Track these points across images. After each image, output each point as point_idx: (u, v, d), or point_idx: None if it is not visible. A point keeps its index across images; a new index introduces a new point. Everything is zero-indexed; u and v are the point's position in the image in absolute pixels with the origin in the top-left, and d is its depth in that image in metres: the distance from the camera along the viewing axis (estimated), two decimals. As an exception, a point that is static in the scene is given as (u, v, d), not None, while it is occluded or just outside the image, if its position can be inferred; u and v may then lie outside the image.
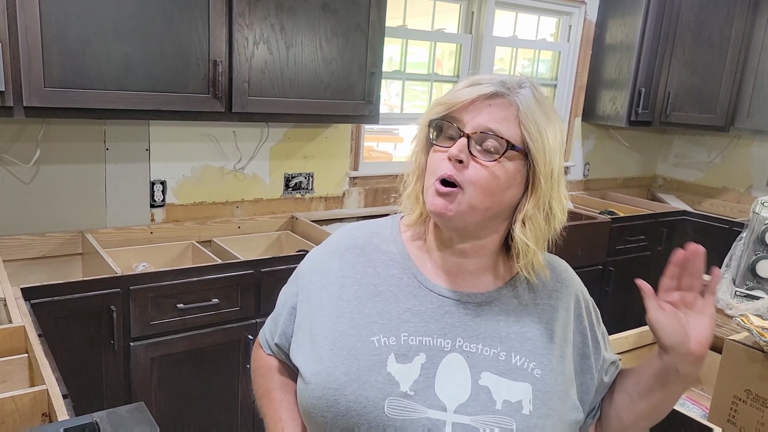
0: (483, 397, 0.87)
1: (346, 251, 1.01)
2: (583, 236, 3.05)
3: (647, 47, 3.46)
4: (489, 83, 0.89)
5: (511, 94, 0.89)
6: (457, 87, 0.92)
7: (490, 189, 0.87)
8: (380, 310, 0.93)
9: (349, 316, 0.93)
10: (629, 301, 3.48)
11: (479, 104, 0.88)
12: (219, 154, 2.62)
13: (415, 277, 0.96)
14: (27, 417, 1.17)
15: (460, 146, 0.87)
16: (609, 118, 3.67)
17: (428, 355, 0.89)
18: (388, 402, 0.85)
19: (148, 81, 2.03)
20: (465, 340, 0.91)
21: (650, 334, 1.86)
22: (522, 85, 0.90)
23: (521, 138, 0.88)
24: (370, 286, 0.96)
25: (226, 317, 2.13)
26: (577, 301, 1.01)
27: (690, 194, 4.15)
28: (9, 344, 1.42)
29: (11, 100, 1.81)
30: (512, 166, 0.88)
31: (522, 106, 0.88)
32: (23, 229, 2.23)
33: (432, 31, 3.19)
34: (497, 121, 0.88)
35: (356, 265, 0.99)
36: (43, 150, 2.21)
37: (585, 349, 0.98)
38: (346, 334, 0.91)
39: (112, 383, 1.97)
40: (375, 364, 0.88)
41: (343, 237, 1.05)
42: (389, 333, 0.91)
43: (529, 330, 0.94)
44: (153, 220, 2.51)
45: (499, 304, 0.95)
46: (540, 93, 0.91)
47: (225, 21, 2.13)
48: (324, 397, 0.88)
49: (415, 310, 0.93)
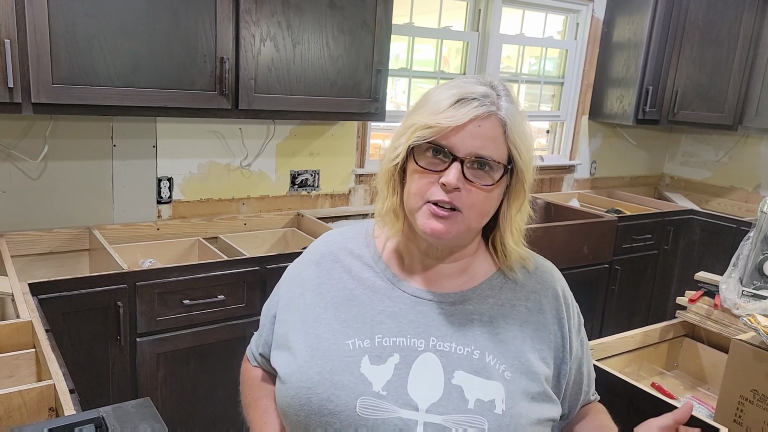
0: (455, 397, 0.87)
1: (321, 258, 1.03)
2: (590, 235, 3.04)
3: (655, 45, 3.44)
4: (476, 99, 0.87)
5: (497, 111, 0.87)
6: (441, 104, 0.87)
7: (488, 210, 0.90)
8: (355, 314, 0.94)
9: (326, 322, 0.95)
10: (635, 300, 3.48)
11: (471, 126, 0.86)
12: (225, 150, 2.62)
13: (388, 279, 0.97)
14: (34, 411, 1.18)
15: (456, 174, 0.85)
16: (616, 116, 3.65)
17: (402, 356, 0.90)
18: (360, 401, 0.86)
19: (155, 78, 2.03)
20: (438, 339, 0.91)
21: (656, 333, 1.86)
22: (500, 94, 0.89)
23: (508, 155, 0.89)
24: (346, 291, 0.97)
25: (231, 313, 2.14)
26: (557, 302, 0.99)
27: (697, 193, 4.13)
28: (16, 339, 1.43)
29: (19, 97, 1.82)
30: (501, 182, 0.90)
31: (509, 122, 0.88)
32: (31, 225, 2.25)
33: (439, 28, 3.18)
34: (488, 144, 0.87)
35: (332, 272, 1.00)
36: (50, 146, 2.22)
37: (564, 353, 0.97)
38: (322, 338, 0.93)
39: (119, 378, 1.98)
40: (348, 365, 0.89)
41: (319, 245, 1.07)
42: (364, 336, 0.92)
43: (502, 331, 0.93)
44: (159, 216, 2.52)
45: (473, 304, 0.95)
46: (513, 96, 0.91)
47: (232, 18, 2.14)
48: (297, 396, 0.89)
49: (389, 311, 0.94)
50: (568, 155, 3.87)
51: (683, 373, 1.91)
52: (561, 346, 0.97)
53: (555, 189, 3.84)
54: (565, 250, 2.92)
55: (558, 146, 3.89)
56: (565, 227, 2.94)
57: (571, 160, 3.86)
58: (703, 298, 1.83)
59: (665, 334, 1.89)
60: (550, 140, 3.91)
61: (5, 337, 1.42)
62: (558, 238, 2.88)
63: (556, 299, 0.99)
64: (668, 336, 1.90)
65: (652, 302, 3.57)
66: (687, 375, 1.89)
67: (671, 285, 3.62)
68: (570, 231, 2.95)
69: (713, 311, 1.77)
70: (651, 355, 1.87)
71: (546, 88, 3.76)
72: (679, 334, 1.92)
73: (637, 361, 1.83)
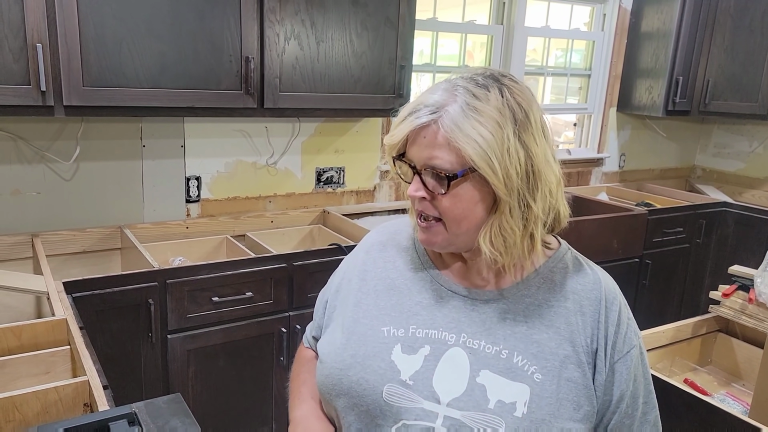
0: (477, 395, 0.87)
1: (371, 247, 1.08)
2: (619, 229, 2.99)
3: (685, 34, 3.36)
4: (420, 110, 0.86)
5: (439, 118, 0.84)
6: (397, 120, 0.90)
7: (461, 214, 0.88)
8: (394, 302, 0.97)
9: (366, 307, 0.98)
10: (667, 295, 3.41)
11: (416, 137, 0.88)
12: (252, 149, 2.65)
13: (429, 272, 0.99)
14: (69, 406, 1.21)
15: (416, 186, 0.89)
16: (645, 107, 3.58)
17: (432, 348, 0.91)
18: (386, 388, 0.89)
19: (182, 78, 2.06)
20: (469, 335, 0.92)
21: (688, 328, 1.83)
22: (456, 97, 0.85)
23: (462, 159, 0.84)
24: (388, 280, 1.01)
25: (259, 310, 2.16)
26: (599, 307, 0.92)
27: (730, 185, 4.03)
28: (52, 336, 1.47)
29: (52, 100, 1.87)
30: (467, 186, 0.86)
31: (449, 128, 0.83)
32: (65, 225, 2.30)
33: (462, 22, 3.16)
34: (436, 153, 0.85)
35: (378, 260, 1.04)
36: (82, 148, 2.27)
37: (598, 361, 0.90)
38: (360, 323, 0.97)
39: (151, 374, 2.02)
40: (380, 351, 0.92)
41: (372, 235, 1.12)
42: (399, 324, 0.94)
43: (536, 332, 0.90)
44: (188, 215, 2.56)
45: (507, 303, 0.93)
46: (474, 97, 0.84)
47: (256, 18, 2.15)
48: (331, 376, 0.94)
49: (425, 303, 0.96)
50: (596, 148, 3.81)
51: (717, 369, 1.87)
52: (595, 352, 0.90)
53: (583, 183, 3.79)
54: (594, 244, 2.88)
55: (586, 139, 3.83)
56: (594, 221, 2.89)
57: (599, 153, 3.80)
58: (737, 293, 1.79)
59: (698, 329, 1.85)
60: (577, 133, 3.86)
61: (42, 335, 1.46)
62: (586, 232, 2.84)
63: (599, 301, 0.92)
64: (701, 331, 1.86)
65: (684, 297, 3.50)
66: (721, 371, 1.86)
67: (704, 279, 3.54)
68: (599, 225, 2.91)
69: (748, 305, 1.73)
70: (684, 351, 1.83)
71: (573, 81, 3.70)
72: (712, 329, 1.88)
73: (669, 357, 1.80)
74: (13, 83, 1.80)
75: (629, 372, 0.91)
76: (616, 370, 0.91)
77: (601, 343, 0.91)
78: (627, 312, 0.95)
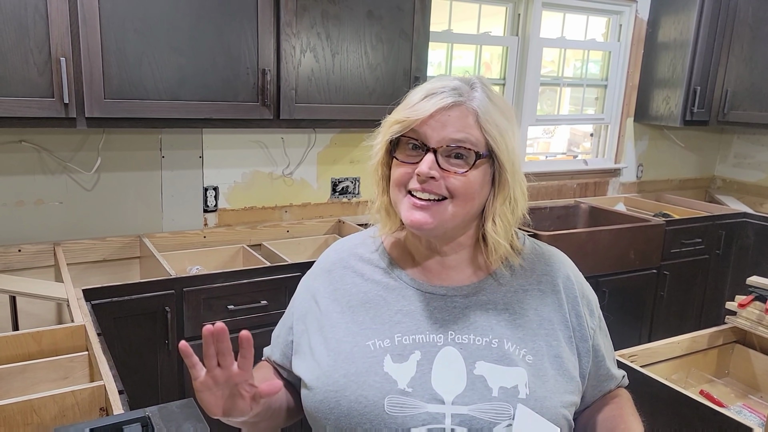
0: (479, 386, 0.89)
1: (332, 266, 1.05)
2: (636, 239, 2.97)
3: (702, 44, 3.35)
4: (444, 92, 0.90)
5: (467, 101, 0.90)
6: (413, 99, 0.93)
7: (470, 195, 0.90)
8: (372, 315, 0.96)
9: (344, 326, 0.96)
10: (685, 307, 3.37)
11: (439, 117, 0.89)
12: (268, 160, 2.68)
13: (400, 279, 0.99)
14: (86, 410, 1.24)
15: (429, 163, 0.88)
16: (662, 118, 3.56)
17: (423, 352, 0.91)
18: (387, 400, 0.88)
19: (201, 91, 2.11)
20: (456, 332, 0.93)
21: (704, 339, 1.81)
22: (474, 87, 0.92)
23: (485, 142, 0.90)
24: (360, 294, 0.99)
25: (274, 319, 2.16)
26: (568, 282, 1.01)
27: (751, 195, 3.98)
28: (71, 342, 1.50)
29: (74, 112, 1.92)
30: (481, 169, 0.91)
31: (481, 111, 0.90)
32: (86, 234, 2.35)
33: (477, 34, 3.18)
34: (460, 130, 0.89)
35: (345, 277, 1.02)
36: (103, 158, 2.33)
37: (582, 331, 0.99)
38: (343, 341, 0.95)
39: (167, 381, 2.04)
40: (372, 366, 0.91)
41: (329, 253, 1.09)
42: (383, 336, 0.94)
43: (518, 317, 0.96)
44: (206, 224, 2.60)
45: (485, 294, 0.97)
46: (492, 91, 0.93)
47: (273, 31, 2.19)
48: (326, 400, 0.91)
49: (405, 310, 0.96)
50: (613, 158, 3.79)
51: (734, 380, 1.84)
52: (578, 324, 0.99)
53: (600, 193, 3.77)
54: (611, 255, 2.86)
55: (603, 149, 3.81)
56: (611, 231, 2.88)
57: (616, 164, 3.78)
58: (754, 303, 1.76)
59: (714, 340, 1.83)
60: (594, 143, 3.84)
61: (61, 340, 1.49)
62: (603, 242, 2.82)
63: (567, 278, 1.01)
64: (717, 342, 1.84)
65: (703, 309, 3.45)
66: (738, 382, 1.83)
67: (724, 291, 3.49)
68: (615, 235, 2.89)
69: (765, 316, 1.71)
70: (700, 362, 1.81)
71: (589, 91, 3.70)
72: (729, 340, 1.86)
73: (685, 368, 1.78)
74: (38, 96, 1.85)
75: (603, 332, 1.04)
76: (590, 326, 1.00)
77: (582, 314, 0.99)
78: (581, 275, 1.06)
